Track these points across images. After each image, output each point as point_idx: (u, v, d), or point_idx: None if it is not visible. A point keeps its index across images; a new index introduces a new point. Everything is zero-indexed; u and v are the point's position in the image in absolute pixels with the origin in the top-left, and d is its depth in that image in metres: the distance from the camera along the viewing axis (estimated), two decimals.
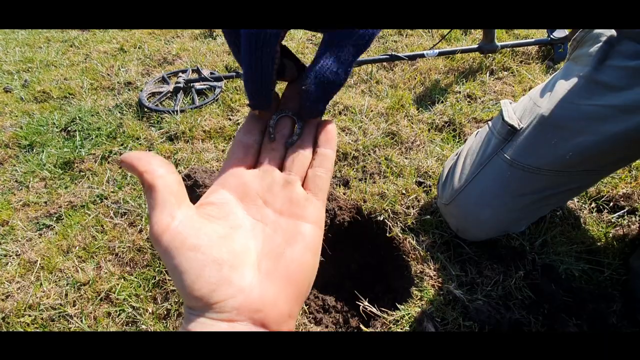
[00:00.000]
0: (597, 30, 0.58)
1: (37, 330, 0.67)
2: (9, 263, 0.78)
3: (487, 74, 1.15)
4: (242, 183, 0.25)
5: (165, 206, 0.20)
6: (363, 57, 1.27)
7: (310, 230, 0.24)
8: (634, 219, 0.73)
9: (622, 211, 0.74)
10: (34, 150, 1.07)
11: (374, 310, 0.63)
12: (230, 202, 0.24)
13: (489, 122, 0.70)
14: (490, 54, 1.20)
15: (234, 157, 0.26)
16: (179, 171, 0.93)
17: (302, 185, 0.26)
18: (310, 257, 0.23)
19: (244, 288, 0.20)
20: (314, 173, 0.26)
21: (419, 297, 0.64)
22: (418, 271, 0.67)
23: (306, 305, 0.68)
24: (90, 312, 0.68)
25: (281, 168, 0.26)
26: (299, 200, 0.24)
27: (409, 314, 0.62)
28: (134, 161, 0.20)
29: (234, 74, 1.19)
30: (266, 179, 0.25)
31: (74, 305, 0.70)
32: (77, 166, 0.99)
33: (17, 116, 1.21)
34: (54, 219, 0.87)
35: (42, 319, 0.68)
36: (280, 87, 0.25)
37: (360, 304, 0.64)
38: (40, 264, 0.77)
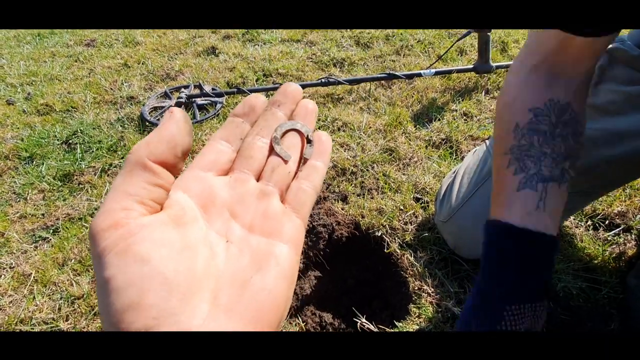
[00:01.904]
0: None
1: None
2: (3, 276, 0.77)
3: (483, 93, 1.18)
4: (207, 189, 0.20)
5: (128, 193, 0.16)
6: (362, 75, 1.30)
7: (285, 253, 0.20)
8: (629, 237, 0.74)
9: (618, 229, 0.75)
10: (34, 162, 1.08)
11: (371, 327, 0.63)
12: (191, 210, 0.19)
13: (487, 141, 0.72)
14: (485, 74, 1.23)
15: (203, 160, 0.22)
16: None
17: (282, 200, 0.22)
18: (285, 287, 0.19)
19: (192, 330, 0.15)
20: (298, 186, 0.22)
21: (417, 314, 0.63)
22: (416, 287, 0.67)
23: (303, 322, 0.67)
24: (83, 327, 0.67)
25: (258, 178, 0.22)
26: (274, 214, 0.21)
27: (407, 331, 0.61)
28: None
29: (235, 89, 1.22)
30: (237, 188, 0.21)
31: (66, 320, 0.68)
32: (76, 179, 1.00)
33: (18, 128, 1.22)
34: (51, 231, 0.86)
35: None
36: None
37: (357, 320, 0.63)
38: (34, 277, 0.76)
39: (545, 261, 0.37)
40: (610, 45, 0.56)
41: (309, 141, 0.24)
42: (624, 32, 0.59)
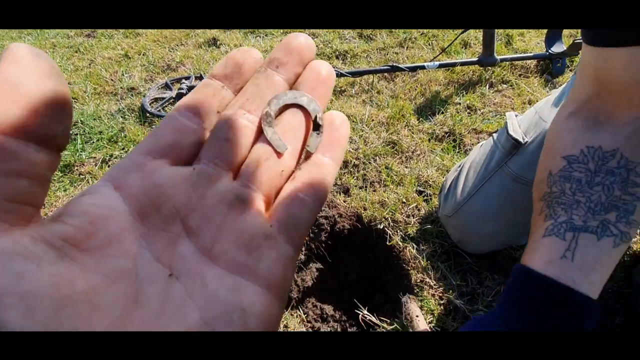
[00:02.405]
0: None
1: None
2: None
3: (487, 87, 1.17)
4: (153, 185, 0.14)
5: None
6: (364, 67, 1.29)
7: (258, 305, 0.13)
8: (636, 231, 0.73)
9: None
10: None
11: (373, 319, 0.62)
12: (117, 218, 0.12)
13: (494, 135, 0.70)
14: (489, 67, 1.22)
15: (154, 140, 0.15)
16: None
17: (266, 211, 0.15)
18: None
19: None
20: (295, 193, 0.15)
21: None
22: (418, 280, 0.67)
23: (304, 314, 0.67)
24: None
25: (235, 175, 0.15)
26: (252, 236, 0.14)
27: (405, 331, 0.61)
28: None
29: None
30: (201, 188, 0.14)
31: None
32: (77, 169, 0.99)
33: None
34: None
35: None
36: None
37: (359, 312, 0.63)
38: None
39: (569, 320, 0.32)
40: None
41: (317, 126, 0.17)
42: None
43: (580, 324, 0.32)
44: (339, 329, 0.65)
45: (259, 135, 0.16)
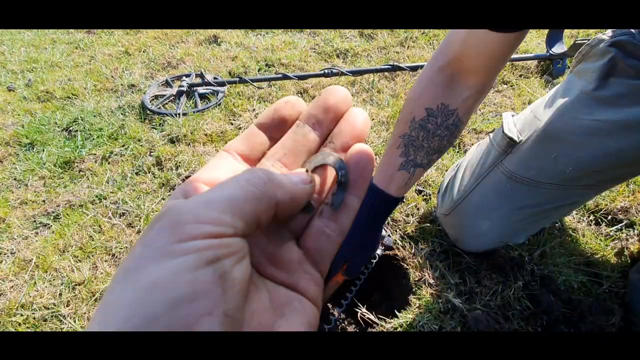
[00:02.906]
0: (602, 46, 0.58)
1: (29, 330, 0.66)
2: (4, 261, 0.77)
3: None
4: None
5: None
6: (365, 66, 1.29)
7: (308, 303, 0.17)
8: (631, 232, 0.73)
9: (620, 224, 0.75)
10: (35, 149, 1.07)
11: (371, 317, 0.63)
12: None
13: (490, 134, 0.71)
14: None
15: (209, 174, 0.18)
16: (179, 173, 0.93)
17: (297, 242, 0.18)
18: None
19: None
20: (321, 229, 0.18)
21: (417, 305, 0.63)
22: (416, 279, 0.67)
23: None
24: (84, 313, 0.67)
25: None
26: (289, 261, 0.17)
27: (407, 321, 0.61)
28: None
29: (237, 79, 1.21)
30: None
31: (67, 306, 0.69)
32: (77, 166, 0.99)
33: (19, 115, 1.21)
34: (52, 217, 0.86)
35: (34, 318, 0.67)
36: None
37: (358, 310, 0.63)
38: (35, 262, 0.76)
39: (392, 210, 0.59)
40: (623, 37, 0.55)
41: (340, 184, 0.18)
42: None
43: (389, 210, 0.58)
44: (337, 327, 0.66)
45: None
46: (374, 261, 0.64)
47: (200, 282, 0.13)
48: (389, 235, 0.71)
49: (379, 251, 0.65)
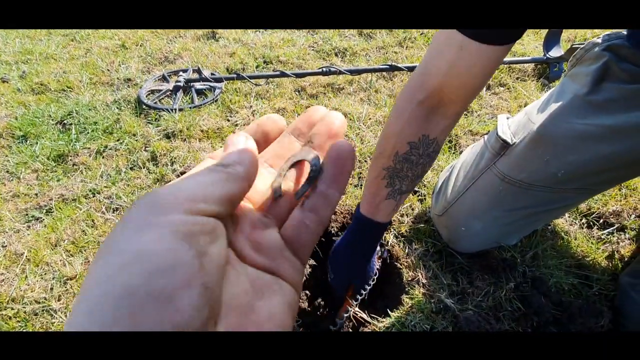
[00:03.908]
0: (596, 50, 0.59)
1: (19, 323, 0.65)
2: None
3: (484, 89, 1.17)
4: None
5: None
6: (363, 66, 1.29)
7: (288, 287, 0.17)
8: (622, 236, 0.74)
9: (612, 228, 0.75)
10: (28, 141, 1.06)
11: (364, 316, 0.63)
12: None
13: (485, 136, 0.71)
14: None
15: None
16: (174, 169, 0.92)
17: (279, 232, 0.19)
18: (290, 319, 0.17)
19: None
20: (301, 220, 0.19)
21: (409, 304, 0.64)
22: (410, 278, 0.67)
23: None
24: None
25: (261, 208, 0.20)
26: (270, 247, 0.18)
27: (399, 321, 0.61)
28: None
29: (235, 75, 1.20)
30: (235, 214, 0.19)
31: (58, 300, 0.68)
32: (70, 159, 0.98)
33: (12, 107, 1.20)
34: (44, 211, 0.85)
35: (25, 312, 0.66)
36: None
37: (350, 309, 0.64)
38: (26, 256, 0.75)
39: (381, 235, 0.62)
40: (617, 42, 0.56)
41: (310, 179, 0.19)
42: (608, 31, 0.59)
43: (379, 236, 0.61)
44: (330, 326, 0.66)
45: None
46: (375, 277, 0.64)
47: (178, 254, 0.13)
48: (386, 250, 0.71)
49: (377, 265, 0.65)
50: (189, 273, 0.13)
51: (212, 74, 1.26)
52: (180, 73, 1.27)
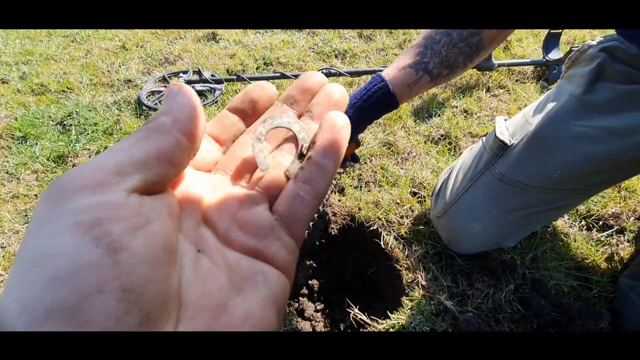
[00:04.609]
0: (591, 51, 0.59)
1: None
2: None
3: (484, 91, 1.18)
4: (184, 186, 0.17)
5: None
6: (363, 67, 1.29)
7: (274, 273, 0.16)
8: (622, 238, 0.74)
9: (611, 230, 0.76)
10: (28, 142, 1.06)
11: (364, 318, 0.63)
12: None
13: (483, 138, 0.71)
14: (487, 72, 1.23)
15: None
16: None
17: (271, 208, 0.17)
18: (273, 316, 0.15)
19: None
20: (295, 191, 0.17)
21: (409, 306, 0.64)
22: (409, 280, 0.67)
23: (296, 311, 0.67)
24: None
25: (248, 181, 0.19)
26: (260, 226, 0.16)
27: (399, 322, 0.61)
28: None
29: (235, 77, 1.20)
30: (218, 190, 0.17)
31: None
32: (70, 160, 0.98)
33: (12, 107, 1.20)
34: None
35: None
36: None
37: (350, 311, 0.64)
38: None
39: (388, 109, 0.57)
40: (612, 43, 0.56)
41: (301, 155, 0.18)
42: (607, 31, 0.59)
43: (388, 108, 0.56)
44: (330, 327, 0.66)
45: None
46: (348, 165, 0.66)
47: (82, 254, 0.11)
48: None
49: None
50: (99, 275, 0.11)
51: (212, 75, 1.26)
52: (181, 74, 1.27)
